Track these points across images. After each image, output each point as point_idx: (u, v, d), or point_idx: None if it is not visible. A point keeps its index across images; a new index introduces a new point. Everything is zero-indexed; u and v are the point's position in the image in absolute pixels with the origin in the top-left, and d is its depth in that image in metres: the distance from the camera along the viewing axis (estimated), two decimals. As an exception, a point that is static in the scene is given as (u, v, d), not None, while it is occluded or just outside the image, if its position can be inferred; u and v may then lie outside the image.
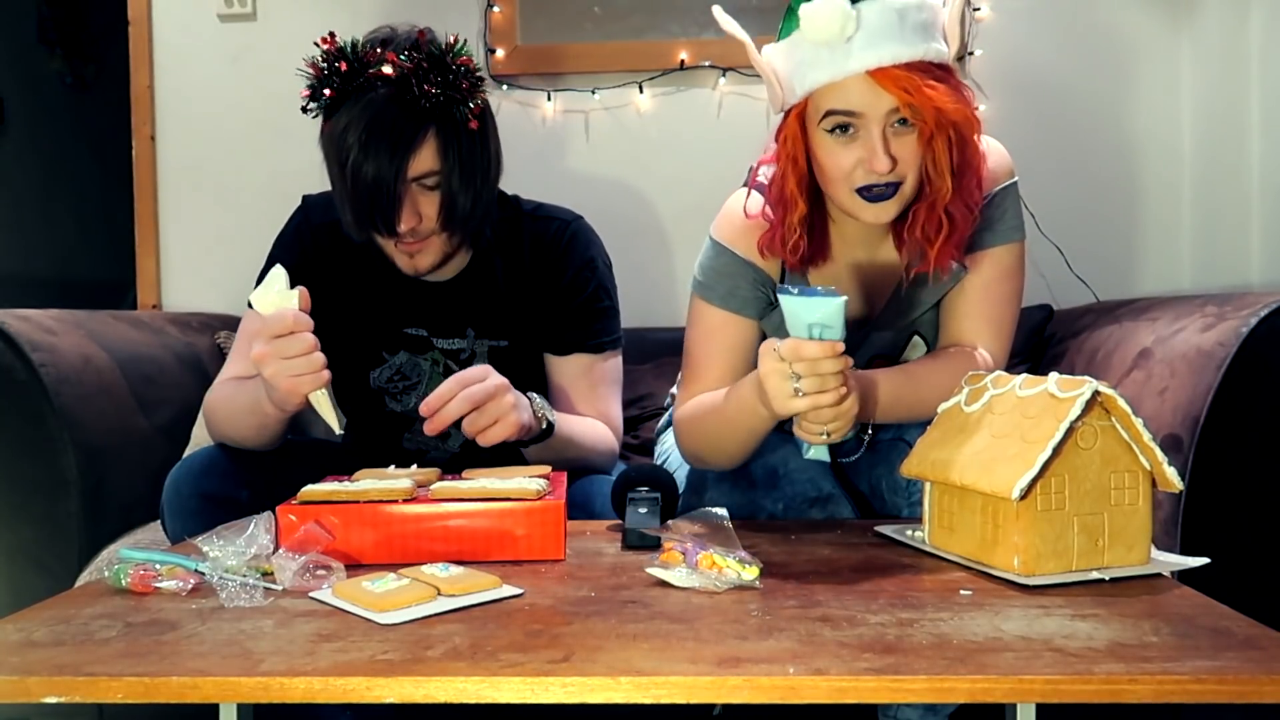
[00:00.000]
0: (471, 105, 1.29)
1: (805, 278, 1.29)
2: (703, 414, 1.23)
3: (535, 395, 1.29)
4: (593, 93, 2.24)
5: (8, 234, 3.35)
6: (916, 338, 1.32)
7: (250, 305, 1.42)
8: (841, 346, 0.99)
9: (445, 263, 1.38)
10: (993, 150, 1.27)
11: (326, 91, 1.27)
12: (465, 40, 1.32)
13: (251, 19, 2.31)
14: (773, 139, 1.24)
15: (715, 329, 1.29)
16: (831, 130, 1.14)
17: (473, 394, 1.15)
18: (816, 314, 0.99)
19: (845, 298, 0.99)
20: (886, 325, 1.30)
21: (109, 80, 3.41)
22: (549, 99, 2.25)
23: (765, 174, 1.27)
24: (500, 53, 2.24)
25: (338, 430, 1.14)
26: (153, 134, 2.33)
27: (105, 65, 3.63)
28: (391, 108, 1.25)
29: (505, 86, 2.24)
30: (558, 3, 2.25)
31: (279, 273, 1.12)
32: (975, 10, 2.18)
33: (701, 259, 1.32)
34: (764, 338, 1.31)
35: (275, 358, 1.10)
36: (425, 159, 1.27)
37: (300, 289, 1.11)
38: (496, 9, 2.24)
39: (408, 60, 1.26)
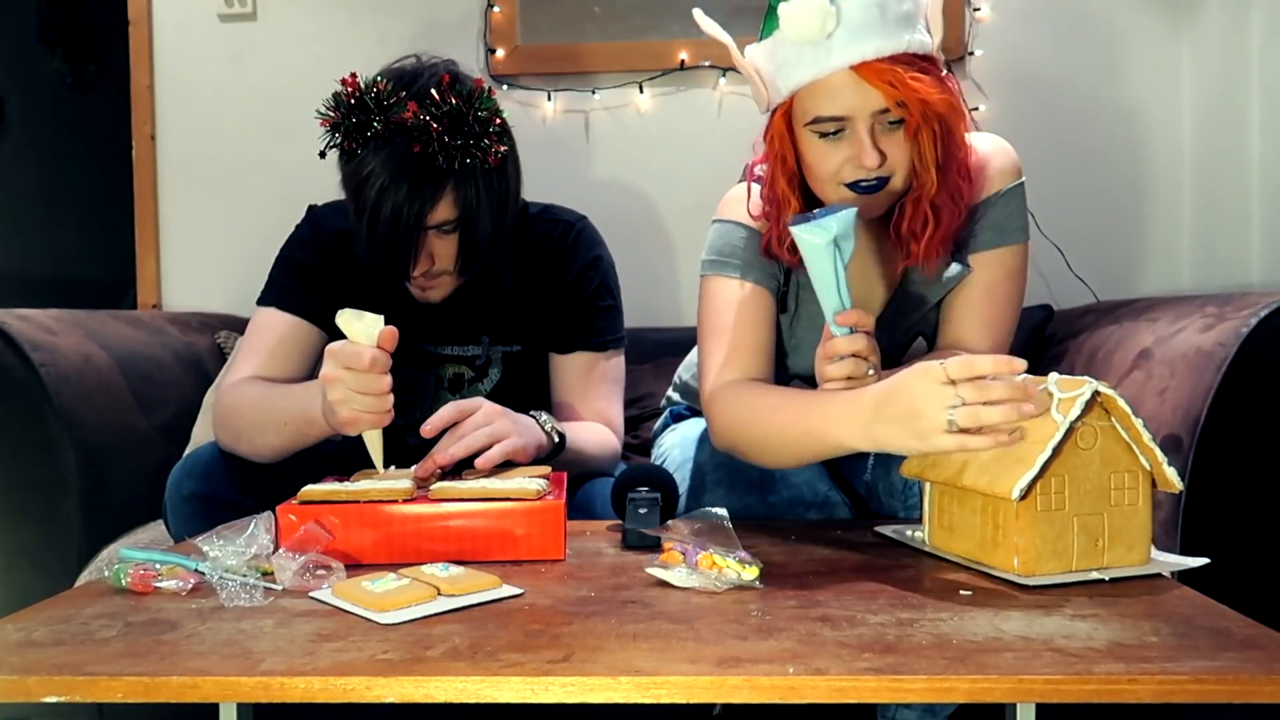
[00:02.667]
0: (493, 154, 1.27)
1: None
2: (762, 414, 1.12)
3: (541, 413, 1.28)
4: (593, 93, 2.24)
5: (8, 234, 3.35)
6: (920, 339, 1.32)
7: (263, 303, 1.42)
8: (1022, 364, 0.88)
9: (455, 293, 1.39)
10: (1000, 150, 1.26)
11: (346, 144, 1.26)
12: (488, 89, 1.30)
13: (251, 19, 2.31)
14: (762, 138, 1.23)
15: (739, 300, 1.24)
16: (820, 134, 1.13)
17: (471, 441, 1.13)
18: (838, 229, 0.99)
19: (855, 209, 1.02)
20: (888, 326, 1.30)
21: (109, 80, 3.41)
22: (549, 99, 2.25)
23: (761, 172, 1.26)
24: (500, 53, 2.24)
25: (382, 472, 1.13)
26: (153, 134, 2.33)
27: (105, 65, 3.63)
28: (412, 161, 1.23)
29: (505, 86, 2.24)
30: (558, 3, 2.25)
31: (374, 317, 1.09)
32: (975, 10, 2.18)
33: (711, 241, 1.29)
34: (779, 334, 1.30)
35: (346, 386, 1.07)
36: (443, 210, 1.27)
37: (391, 328, 1.08)
38: (496, 9, 2.24)
39: (429, 113, 1.23)
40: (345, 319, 1.08)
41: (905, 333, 1.30)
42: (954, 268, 1.23)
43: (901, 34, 1.09)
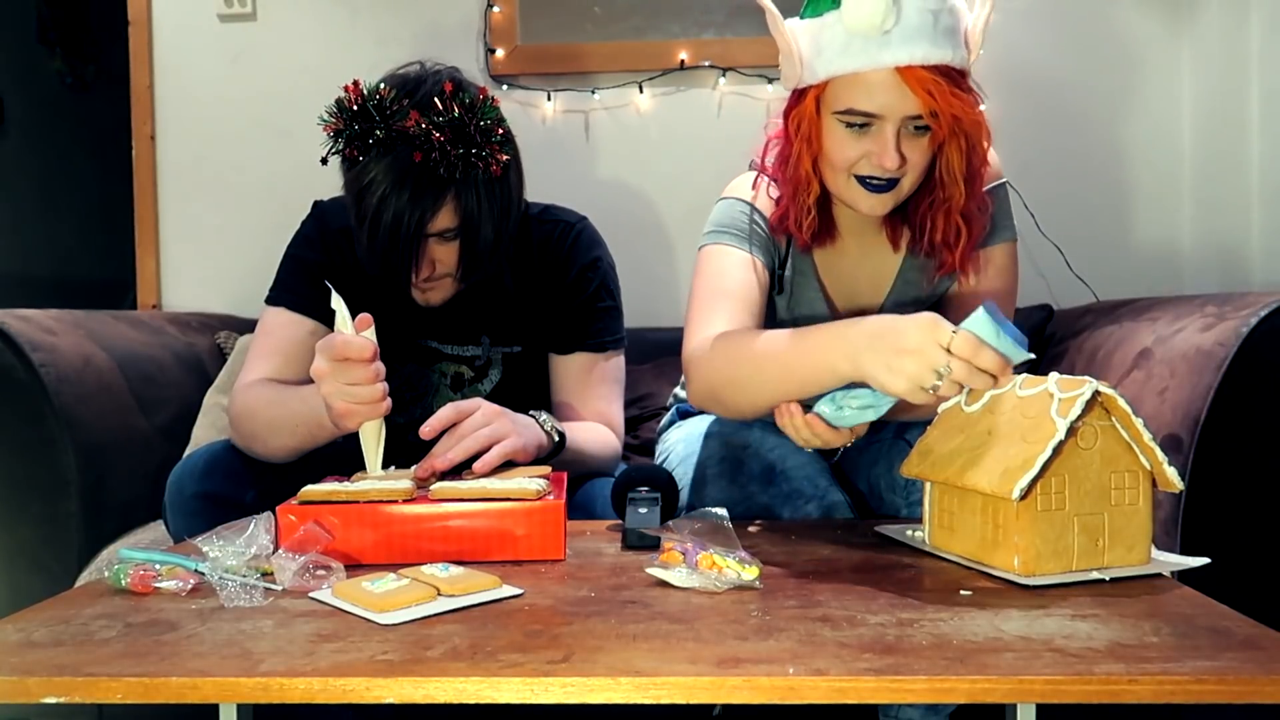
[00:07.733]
0: (495, 163, 1.27)
1: (811, 258, 1.31)
2: (748, 352, 1.12)
3: (540, 413, 1.28)
4: (593, 93, 2.24)
5: (8, 234, 3.34)
6: None
7: (271, 302, 1.42)
8: (1009, 381, 0.93)
9: (455, 294, 1.39)
10: None
11: (348, 151, 1.26)
12: (492, 98, 1.30)
13: (251, 19, 2.31)
14: (779, 115, 1.25)
15: (736, 265, 1.25)
16: (847, 124, 1.15)
17: (470, 444, 1.13)
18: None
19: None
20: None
21: (109, 80, 3.40)
22: (549, 99, 2.25)
23: (772, 152, 1.28)
24: (500, 53, 2.24)
25: (374, 473, 1.12)
26: (153, 134, 2.33)
27: (105, 65, 3.63)
28: (413, 169, 1.23)
29: (505, 86, 2.24)
30: (558, 3, 2.25)
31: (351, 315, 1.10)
32: (975, 10, 2.18)
33: (714, 216, 1.31)
34: (776, 315, 1.32)
35: (333, 379, 1.07)
36: (444, 218, 1.27)
37: (365, 314, 1.09)
38: (496, 9, 2.24)
39: (431, 122, 1.23)
40: (336, 303, 1.09)
41: None
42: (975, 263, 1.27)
43: (947, 46, 1.12)
